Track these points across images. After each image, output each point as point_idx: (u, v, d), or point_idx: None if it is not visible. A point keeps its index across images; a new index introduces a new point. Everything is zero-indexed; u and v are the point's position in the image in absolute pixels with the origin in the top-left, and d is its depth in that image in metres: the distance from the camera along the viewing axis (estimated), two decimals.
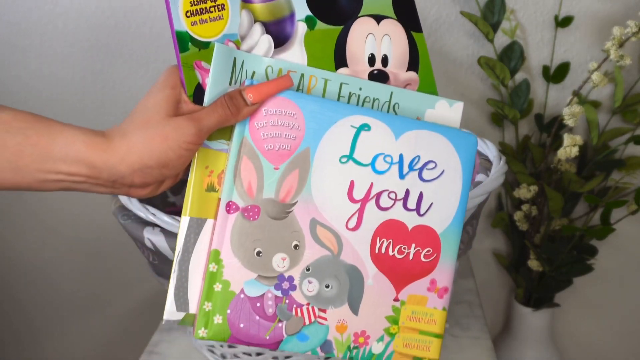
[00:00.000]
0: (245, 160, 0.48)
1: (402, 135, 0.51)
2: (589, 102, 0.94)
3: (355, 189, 0.50)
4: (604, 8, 0.93)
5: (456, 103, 0.54)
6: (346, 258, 0.50)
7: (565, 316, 1.13)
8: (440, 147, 0.52)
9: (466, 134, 0.53)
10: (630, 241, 1.06)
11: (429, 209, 0.52)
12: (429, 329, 0.52)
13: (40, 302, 1.19)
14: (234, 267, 0.48)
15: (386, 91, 0.52)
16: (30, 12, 0.98)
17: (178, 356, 0.74)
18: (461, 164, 0.52)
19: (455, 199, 0.52)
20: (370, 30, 0.53)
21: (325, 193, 0.50)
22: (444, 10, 0.95)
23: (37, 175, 0.44)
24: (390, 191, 0.51)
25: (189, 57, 0.49)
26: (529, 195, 0.92)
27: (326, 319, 0.50)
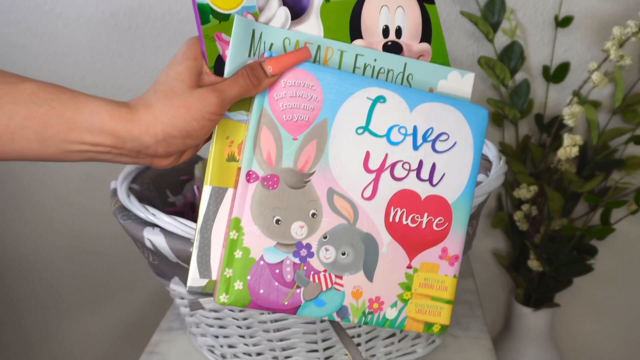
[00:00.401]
0: (264, 130, 0.49)
1: (417, 107, 0.52)
2: (589, 102, 0.94)
3: (371, 160, 0.51)
4: (604, 8, 0.93)
5: (467, 74, 0.55)
6: (362, 226, 0.51)
7: (565, 316, 1.13)
8: (453, 120, 0.53)
9: (477, 107, 0.54)
10: (630, 241, 1.06)
11: (441, 180, 0.53)
12: (441, 296, 0.54)
13: (40, 302, 1.19)
14: (254, 234, 0.49)
15: (400, 62, 0.53)
16: (30, 12, 0.98)
17: (178, 356, 0.74)
18: (472, 136, 0.54)
19: (467, 170, 0.54)
20: (384, 2, 0.54)
21: (342, 163, 0.51)
22: (444, 10, 0.95)
23: (62, 145, 0.45)
24: (404, 162, 0.52)
25: (210, 29, 0.50)
26: (529, 195, 0.92)
27: (342, 285, 0.51)
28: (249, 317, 0.63)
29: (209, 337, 0.70)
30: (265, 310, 0.50)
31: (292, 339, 0.65)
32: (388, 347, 0.68)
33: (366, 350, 0.67)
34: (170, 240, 0.56)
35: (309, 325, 0.63)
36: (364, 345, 0.66)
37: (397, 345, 0.69)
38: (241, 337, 0.67)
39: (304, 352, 0.66)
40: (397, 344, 0.69)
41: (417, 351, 0.71)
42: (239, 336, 0.67)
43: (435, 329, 0.54)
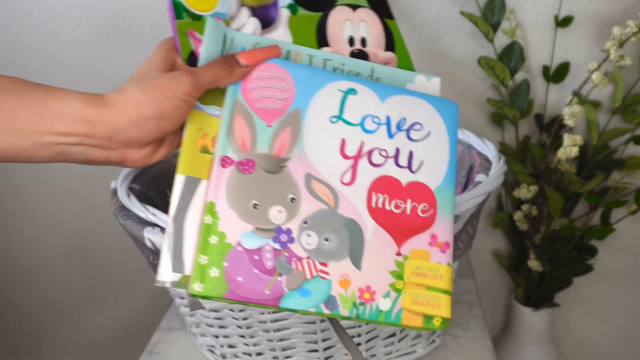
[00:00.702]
0: (238, 118, 0.50)
1: (387, 99, 0.54)
2: (589, 102, 0.94)
3: (347, 146, 0.51)
4: (604, 8, 0.93)
5: (434, 78, 0.57)
6: (344, 212, 0.50)
7: (565, 316, 1.13)
8: (425, 111, 0.54)
9: (447, 101, 0.56)
10: (630, 241, 1.06)
11: (421, 167, 0.53)
12: (436, 285, 0.52)
13: (40, 301, 1.19)
14: (230, 219, 0.48)
15: (367, 67, 0.55)
16: (30, 12, 0.98)
17: (178, 356, 0.74)
18: (446, 126, 0.55)
19: (445, 158, 0.54)
20: (348, 17, 0.58)
21: (318, 150, 0.51)
22: (444, 10, 0.95)
23: (33, 137, 0.44)
24: (381, 149, 0.52)
25: (183, 25, 0.52)
26: (529, 195, 0.92)
27: (328, 274, 0.49)
28: (249, 317, 0.63)
29: (209, 337, 0.70)
30: (245, 302, 0.47)
31: (292, 338, 0.65)
32: (388, 347, 0.68)
33: (366, 350, 0.67)
34: None
35: (309, 325, 0.63)
36: (364, 345, 0.66)
37: (397, 345, 0.69)
38: (241, 337, 0.67)
39: (304, 352, 0.66)
40: (397, 344, 0.69)
41: (417, 351, 0.71)
42: (239, 336, 0.67)
43: (436, 322, 0.51)
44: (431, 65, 0.98)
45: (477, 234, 0.69)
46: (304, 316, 0.62)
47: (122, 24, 0.98)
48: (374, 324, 0.54)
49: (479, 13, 0.91)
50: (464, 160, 0.75)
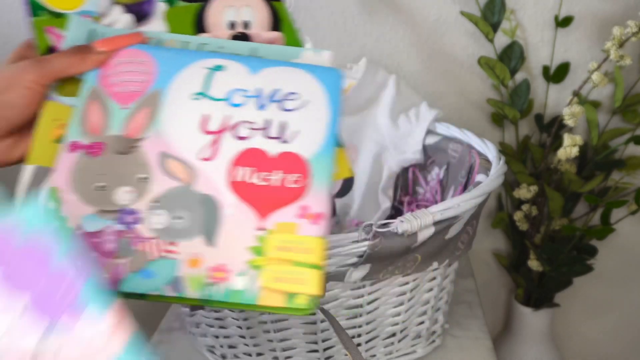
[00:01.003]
0: (91, 103, 0.49)
1: (260, 71, 0.52)
2: (589, 102, 0.94)
3: (210, 122, 0.50)
4: (604, 8, 0.93)
5: (324, 52, 0.54)
6: (200, 188, 0.48)
7: (565, 316, 1.13)
8: (301, 80, 0.52)
9: (329, 68, 0.53)
10: (630, 241, 1.06)
11: (296, 137, 0.50)
12: (304, 260, 0.46)
13: None
14: (72, 203, 0.46)
15: (247, 47, 0.53)
16: None
17: (178, 356, 0.74)
18: (327, 93, 0.52)
19: (323, 126, 0.51)
20: (230, 4, 0.55)
21: (176, 128, 0.49)
22: (444, 10, 0.95)
23: None
24: (249, 122, 0.50)
25: (40, 22, 0.51)
26: (529, 195, 0.92)
27: (176, 253, 0.46)
28: (250, 318, 0.64)
29: (209, 337, 0.70)
30: None
31: (293, 339, 0.65)
32: (388, 347, 0.68)
33: (366, 351, 0.67)
34: None
35: (309, 326, 0.63)
36: (364, 345, 0.66)
37: (397, 346, 0.69)
38: (241, 337, 0.67)
39: (304, 352, 0.66)
40: (397, 344, 0.69)
41: (417, 351, 0.71)
42: (239, 336, 0.67)
43: (299, 299, 0.45)
44: (431, 65, 0.97)
45: (477, 234, 0.69)
46: (304, 316, 0.62)
47: None
48: (226, 307, 0.51)
49: (479, 13, 0.91)
50: (464, 160, 0.75)
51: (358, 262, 0.56)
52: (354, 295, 0.61)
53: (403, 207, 0.84)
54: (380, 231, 0.54)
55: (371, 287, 0.61)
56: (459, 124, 0.82)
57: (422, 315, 0.68)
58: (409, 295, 0.64)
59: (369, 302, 0.62)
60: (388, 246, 0.55)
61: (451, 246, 0.62)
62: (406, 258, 0.59)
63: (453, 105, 0.99)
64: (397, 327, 0.66)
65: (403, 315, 0.65)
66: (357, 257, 0.56)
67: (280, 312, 0.47)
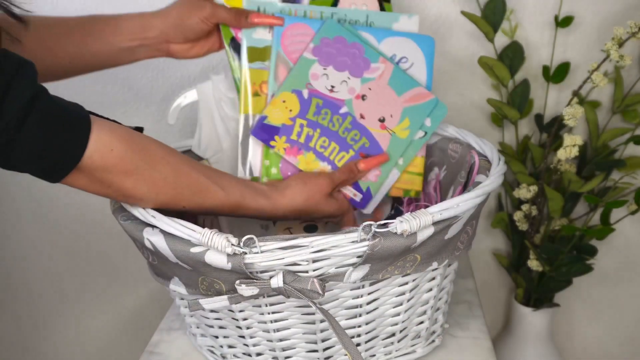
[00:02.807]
0: (279, 64, 0.76)
1: (383, 40, 0.77)
2: (589, 102, 0.94)
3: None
4: (604, 8, 0.93)
5: (414, 16, 0.78)
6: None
7: (565, 316, 1.13)
8: (409, 47, 0.77)
9: (425, 36, 0.77)
10: (630, 241, 1.06)
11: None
12: (414, 170, 0.79)
13: (40, 301, 1.19)
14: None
15: (363, 14, 0.77)
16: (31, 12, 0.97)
17: (178, 356, 0.74)
18: (424, 56, 0.77)
19: (424, 80, 0.78)
20: (353, 2, 0.78)
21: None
22: (444, 10, 0.95)
23: (115, 44, 0.73)
24: None
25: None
26: (528, 195, 0.92)
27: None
28: (249, 317, 0.64)
29: (209, 337, 0.70)
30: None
31: (292, 339, 0.65)
32: (388, 347, 0.68)
33: (366, 351, 0.67)
34: (170, 240, 0.56)
35: (309, 326, 0.63)
36: (363, 345, 0.66)
37: (396, 345, 0.69)
38: (241, 337, 0.67)
39: (304, 352, 0.66)
40: (396, 344, 0.69)
41: (417, 351, 0.71)
42: (239, 336, 0.67)
43: (412, 193, 0.80)
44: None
45: (477, 234, 0.69)
46: (303, 316, 0.62)
47: None
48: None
49: (479, 13, 0.91)
50: (463, 160, 0.75)
51: (357, 262, 0.56)
52: (354, 295, 0.61)
53: (402, 207, 0.83)
54: (379, 231, 0.54)
55: (371, 287, 0.61)
56: (458, 124, 0.82)
57: (421, 315, 0.68)
58: (408, 296, 0.64)
59: (368, 302, 0.62)
60: (387, 246, 0.55)
61: (451, 246, 0.62)
62: (406, 258, 0.59)
63: (453, 105, 0.99)
64: (396, 327, 0.66)
65: (402, 315, 0.65)
66: (357, 257, 0.56)
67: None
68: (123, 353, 1.22)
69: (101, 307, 1.19)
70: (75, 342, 1.22)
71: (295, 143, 0.76)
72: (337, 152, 0.76)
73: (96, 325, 1.21)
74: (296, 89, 0.75)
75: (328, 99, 0.75)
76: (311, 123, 0.76)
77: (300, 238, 0.54)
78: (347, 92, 0.75)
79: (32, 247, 1.14)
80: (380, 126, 0.76)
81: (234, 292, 0.57)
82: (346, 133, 0.76)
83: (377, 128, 0.76)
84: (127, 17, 0.73)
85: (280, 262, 0.54)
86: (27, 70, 0.49)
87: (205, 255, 0.54)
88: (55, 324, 1.21)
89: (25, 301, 1.19)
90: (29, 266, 1.16)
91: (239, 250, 0.53)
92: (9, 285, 1.18)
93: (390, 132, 0.76)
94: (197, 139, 0.82)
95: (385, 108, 0.76)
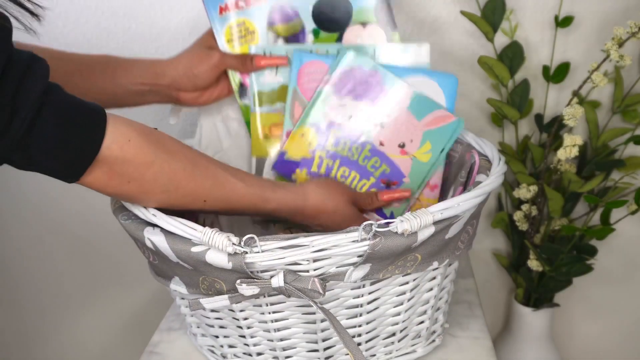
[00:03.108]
0: (295, 104, 0.77)
1: (404, 77, 0.74)
2: (589, 102, 0.94)
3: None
4: (604, 8, 0.93)
5: (424, 44, 0.76)
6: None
7: (565, 316, 1.13)
8: (429, 86, 0.74)
9: (447, 74, 0.75)
10: (630, 241, 1.06)
11: None
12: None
13: (40, 301, 1.19)
14: None
15: (370, 49, 0.76)
16: None
17: (178, 356, 0.74)
18: (445, 96, 0.75)
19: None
20: (359, 34, 0.77)
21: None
22: (444, 10, 0.95)
23: (126, 86, 0.73)
24: None
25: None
26: (528, 195, 0.92)
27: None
28: (249, 317, 0.64)
29: (209, 337, 0.70)
30: None
31: (293, 339, 0.65)
32: (388, 347, 0.68)
33: (366, 350, 0.67)
34: (170, 239, 0.56)
35: (310, 325, 0.63)
36: (364, 345, 0.66)
37: (397, 345, 0.69)
38: (241, 337, 0.67)
39: (304, 352, 0.66)
40: (397, 344, 0.69)
41: (417, 351, 0.71)
42: (239, 336, 0.67)
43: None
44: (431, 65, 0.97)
45: (477, 234, 0.69)
46: (304, 316, 0.62)
47: (122, 24, 0.98)
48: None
49: (479, 13, 0.91)
50: (464, 160, 0.75)
51: (358, 261, 0.56)
52: (354, 295, 0.61)
53: None
54: (380, 231, 0.54)
55: (371, 286, 0.61)
56: None
57: (422, 315, 0.68)
58: (409, 295, 0.64)
59: (369, 302, 0.62)
60: (388, 246, 0.55)
61: (451, 245, 0.62)
62: (406, 258, 0.59)
63: None
64: (397, 326, 0.66)
65: (403, 315, 0.65)
66: (358, 256, 0.56)
67: None
68: (123, 353, 1.22)
69: (101, 307, 1.19)
70: (76, 342, 1.22)
71: (315, 175, 0.75)
72: (357, 181, 0.76)
73: (96, 325, 1.21)
74: (314, 122, 0.75)
75: (346, 128, 0.75)
76: (330, 154, 0.75)
77: (300, 237, 0.54)
78: (366, 120, 0.75)
79: (33, 247, 1.14)
80: (400, 152, 0.74)
81: (235, 292, 0.57)
82: (366, 161, 0.75)
83: (398, 154, 0.75)
84: (140, 62, 0.75)
85: (281, 261, 0.54)
86: (39, 67, 0.49)
87: (206, 254, 0.54)
88: (55, 324, 1.21)
89: (26, 301, 1.19)
90: (29, 266, 1.16)
91: (239, 250, 0.53)
92: (10, 285, 1.18)
93: (411, 157, 0.75)
94: (198, 138, 0.82)
95: (405, 133, 0.74)
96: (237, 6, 0.75)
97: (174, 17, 0.97)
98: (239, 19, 0.75)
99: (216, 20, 0.75)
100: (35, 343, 1.23)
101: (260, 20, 0.75)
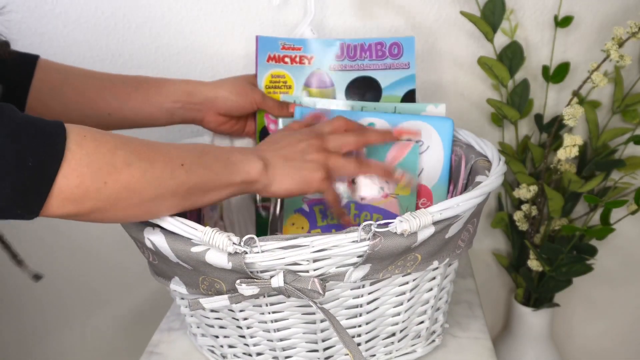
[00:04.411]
0: None
1: (398, 125, 0.76)
2: (589, 102, 0.94)
3: None
4: (604, 8, 0.93)
5: (440, 105, 0.78)
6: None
7: (565, 316, 1.13)
8: (425, 130, 0.75)
9: (443, 118, 0.75)
10: (630, 241, 1.06)
11: (421, 172, 0.76)
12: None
13: (40, 302, 1.19)
14: None
15: (391, 106, 0.80)
16: (30, 12, 0.98)
17: (178, 356, 0.74)
18: (441, 140, 0.75)
19: (440, 165, 0.76)
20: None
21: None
22: (444, 10, 0.95)
23: (157, 105, 0.75)
24: None
25: (262, 111, 0.81)
26: (528, 195, 0.92)
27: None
28: (249, 317, 0.64)
29: (209, 337, 0.70)
30: None
31: (292, 339, 0.65)
32: (388, 347, 0.68)
33: (366, 350, 0.67)
34: (170, 240, 0.56)
35: (309, 325, 0.63)
36: (364, 345, 0.66)
37: (397, 345, 0.69)
38: (241, 337, 0.67)
39: (304, 352, 0.66)
40: (397, 344, 0.69)
41: (417, 351, 0.71)
42: (239, 336, 0.67)
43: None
44: (431, 66, 0.98)
45: (477, 234, 0.69)
46: (304, 316, 0.62)
47: (122, 24, 0.98)
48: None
49: (479, 13, 0.91)
50: (463, 160, 0.75)
51: (358, 262, 0.56)
52: (354, 295, 0.61)
53: None
54: (380, 231, 0.54)
55: (371, 286, 0.61)
56: (458, 124, 0.82)
57: (422, 315, 0.68)
58: (408, 295, 0.64)
59: (368, 302, 0.62)
60: (388, 246, 0.55)
61: (452, 245, 0.62)
62: (406, 258, 0.59)
63: (453, 105, 0.99)
64: (397, 326, 0.66)
65: (403, 315, 0.65)
66: (357, 257, 0.56)
67: None
68: (123, 353, 1.22)
69: (101, 307, 1.19)
70: (76, 341, 1.22)
71: None
72: None
73: (96, 325, 1.21)
74: (297, 208, 0.76)
75: (325, 201, 0.75)
76: (324, 228, 0.76)
77: (300, 238, 0.54)
78: (339, 184, 0.75)
79: (33, 247, 1.14)
80: (383, 196, 0.75)
81: (235, 292, 0.57)
82: (357, 219, 0.75)
83: (381, 199, 0.76)
84: (172, 81, 0.77)
85: (280, 261, 0.54)
86: None
87: (206, 254, 0.54)
88: (55, 324, 1.21)
89: (26, 301, 1.19)
90: (29, 266, 1.16)
91: (239, 249, 0.53)
92: (10, 286, 1.18)
93: (394, 196, 0.75)
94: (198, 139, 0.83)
95: (377, 179, 0.75)
96: (284, 60, 0.81)
97: (174, 17, 0.97)
98: (281, 72, 0.81)
99: (263, 64, 0.81)
100: (35, 343, 1.23)
101: (299, 79, 0.81)
